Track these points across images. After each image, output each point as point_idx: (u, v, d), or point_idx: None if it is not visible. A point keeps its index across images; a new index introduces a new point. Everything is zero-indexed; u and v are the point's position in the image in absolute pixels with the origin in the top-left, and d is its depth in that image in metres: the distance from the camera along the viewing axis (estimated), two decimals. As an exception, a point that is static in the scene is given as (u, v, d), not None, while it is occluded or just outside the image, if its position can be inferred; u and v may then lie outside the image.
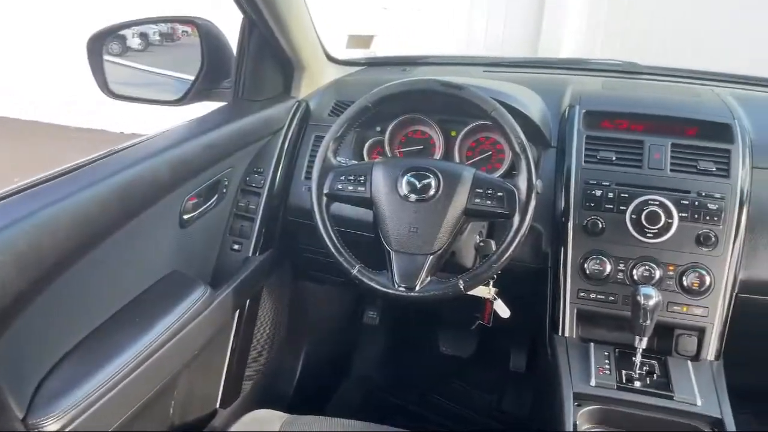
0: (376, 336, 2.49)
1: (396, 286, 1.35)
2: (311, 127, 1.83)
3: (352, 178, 1.42)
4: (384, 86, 1.43)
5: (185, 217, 1.50)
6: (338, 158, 1.48)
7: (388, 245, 1.37)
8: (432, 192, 1.36)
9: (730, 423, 1.24)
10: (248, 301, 1.77)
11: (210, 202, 1.61)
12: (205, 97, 1.79)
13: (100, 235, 1.20)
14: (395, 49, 5.09)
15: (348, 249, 1.41)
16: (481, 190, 1.35)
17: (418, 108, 1.71)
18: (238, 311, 1.73)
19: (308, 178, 1.50)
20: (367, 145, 1.77)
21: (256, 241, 1.71)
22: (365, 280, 1.38)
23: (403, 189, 1.37)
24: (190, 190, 1.50)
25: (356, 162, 1.48)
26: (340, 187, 1.42)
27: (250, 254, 1.71)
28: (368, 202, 1.41)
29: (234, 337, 1.75)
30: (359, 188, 1.41)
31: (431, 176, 1.37)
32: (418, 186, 1.36)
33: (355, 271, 1.38)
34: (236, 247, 1.71)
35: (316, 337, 2.26)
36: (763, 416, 2.13)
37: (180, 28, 1.82)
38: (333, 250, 1.40)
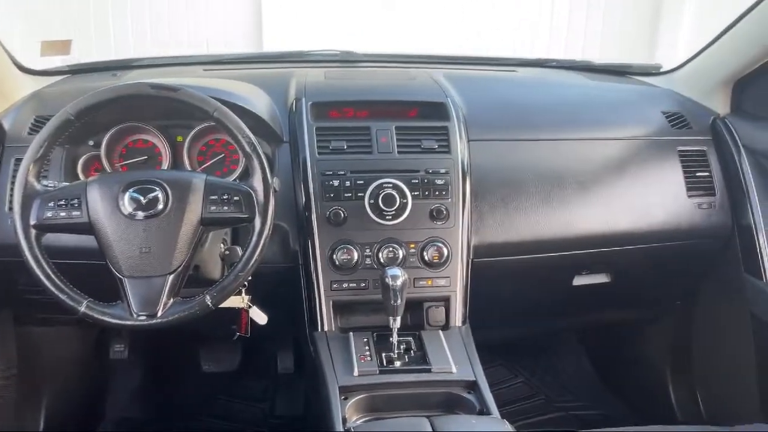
0: (129, 370, 2.28)
1: (135, 315, 1.23)
2: (9, 149, 1.59)
3: (63, 202, 1.25)
4: (88, 95, 1.28)
5: None
6: (45, 182, 1.29)
7: (119, 272, 1.24)
8: (161, 206, 1.24)
9: (482, 382, 1.33)
10: None
11: None
12: None
13: None
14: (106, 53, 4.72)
15: (75, 283, 1.25)
16: (215, 197, 1.27)
17: (135, 115, 1.56)
18: None
19: (12, 209, 1.28)
20: (80, 162, 1.58)
21: None
22: (97, 315, 1.23)
23: (127, 207, 1.24)
24: None
25: (68, 183, 1.30)
26: (49, 215, 1.24)
27: None
28: (87, 228, 1.25)
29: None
30: (74, 213, 1.24)
31: (157, 189, 1.25)
32: (144, 201, 1.24)
33: (83, 308, 1.23)
34: None
35: (57, 386, 2.02)
36: (511, 365, 2.38)
37: None
38: (52, 288, 1.23)
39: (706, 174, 1.74)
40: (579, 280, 1.77)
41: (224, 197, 1.27)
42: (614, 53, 5.46)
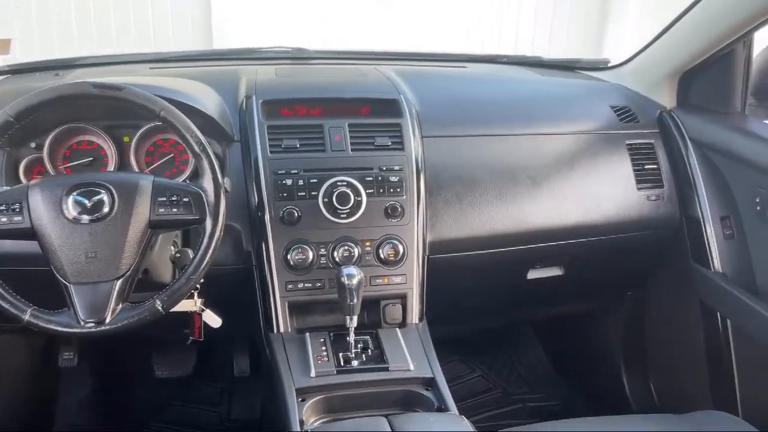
0: (80, 377, 2.21)
1: (82, 323, 1.19)
2: None
3: (3, 207, 1.20)
4: (28, 95, 1.23)
5: None
6: None
7: (64, 278, 1.20)
8: (107, 209, 1.21)
9: (440, 378, 1.33)
10: None
11: None
12: None
13: None
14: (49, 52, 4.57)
15: (18, 290, 1.21)
16: (164, 198, 1.24)
17: (79, 116, 1.51)
18: None
19: None
20: (22, 165, 1.51)
21: None
22: (42, 323, 1.19)
23: (71, 211, 1.19)
24: None
25: (9, 187, 1.25)
26: None
27: None
28: (30, 233, 1.20)
29: None
30: (15, 218, 1.19)
31: (103, 191, 1.21)
32: (89, 204, 1.20)
33: (27, 316, 1.18)
34: None
35: (4, 395, 1.96)
36: (468, 359, 2.40)
37: None
38: None
39: (654, 166, 1.78)
40: (533, 274, 1.79)
41: (173, 199, 1.24)
42: (563, 50, 5.57)
